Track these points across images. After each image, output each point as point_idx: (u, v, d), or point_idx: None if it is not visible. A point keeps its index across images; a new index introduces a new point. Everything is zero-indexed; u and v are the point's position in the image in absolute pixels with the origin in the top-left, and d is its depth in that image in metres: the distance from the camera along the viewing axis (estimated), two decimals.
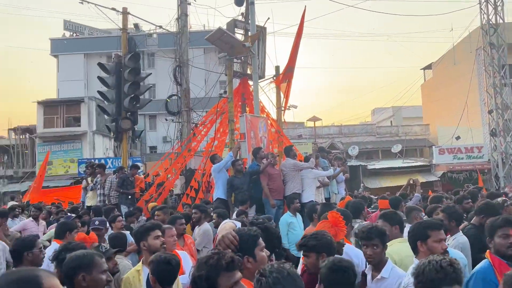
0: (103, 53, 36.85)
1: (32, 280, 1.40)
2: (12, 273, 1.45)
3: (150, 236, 3.62)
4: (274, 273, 1.92)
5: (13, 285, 1.38)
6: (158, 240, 3.62)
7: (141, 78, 11.72)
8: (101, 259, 2.65)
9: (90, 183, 10.62)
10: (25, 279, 1.40)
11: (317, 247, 3.07)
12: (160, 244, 3.61)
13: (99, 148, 30.23)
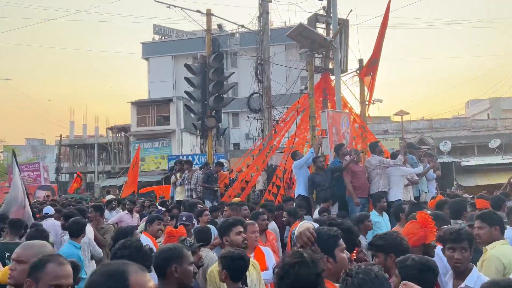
0: (189, 54, 38.54)
1: (119, 274, 1.44)
2: (105, 265, 1.51)
3: (232, 231, 3.68)
4: (361, 274, 1.89)
5: (101, 277, 1.44)
6: (240, 236, 3.67)
7: (224, 77, 12.04)
8: (189, 252, 2.77)
9: (178, 178, 11.17)
10: (113, 272, 1.44)
11: (384, 247, 2.98)
12: (241, 240, 3.66)
13: (186, 145, 31.71)
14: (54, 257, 2.15)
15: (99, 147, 37.11)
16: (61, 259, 2.14)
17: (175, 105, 31.06)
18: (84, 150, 39.38)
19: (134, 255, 2.81)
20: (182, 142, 31.33)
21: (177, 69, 39.08)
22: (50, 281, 2.03)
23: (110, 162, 35.42)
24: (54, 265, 2.08)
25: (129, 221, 8.48)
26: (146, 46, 42.76)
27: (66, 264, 2.13)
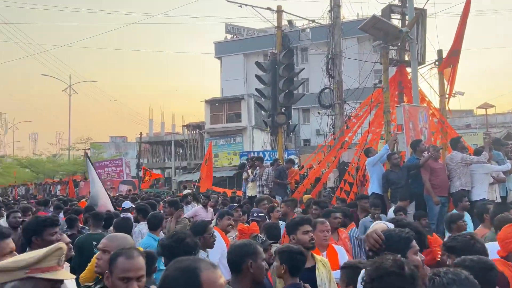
0: (260, 51, 38.91)
1: (191, 271, 1.47)
2: (177, 261, 1.54)
3: (299, 230, 3.63)
4: (450, 274, 1.81)
5: (175, 273, 1.48)
6: (307, 235, 3.61)
7: (294, 73, 12.00)
8: (261, 248, 2.82)
9: (250, 175, 11.35)
10: (185, 268, 1.48)
11: (456, 249, 2.82)
12: (308, 239, 3.60)
13: (257, 141, 32.12)
14: (126, 251, 2.24)
15: (176, 144, 38.78)
16: (131, 253, 2.23)
17: (247, 103, 31.56)
18: (162, 147, 41.39)
19: (175, 245, 3.03)
20: (253, 139, 31.78)
21: (248, 67, 39.64)
22: (119, 273, 2.14)
23: (186, 158, 36.87)
24: (124, 259, 2.18)
25: (204, 216, 8.75)
26: (218, 46, 43.86)
27: (135, 258, 2.21)
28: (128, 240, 2.86)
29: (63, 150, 47.18)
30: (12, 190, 35.82)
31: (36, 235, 3.06)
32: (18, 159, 46.34)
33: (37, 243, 3.00)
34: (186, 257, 1.61)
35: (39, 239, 3.03)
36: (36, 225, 3.12)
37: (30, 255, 1.84)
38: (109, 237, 2.92)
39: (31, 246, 3.05)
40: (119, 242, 2.73)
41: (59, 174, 39.25)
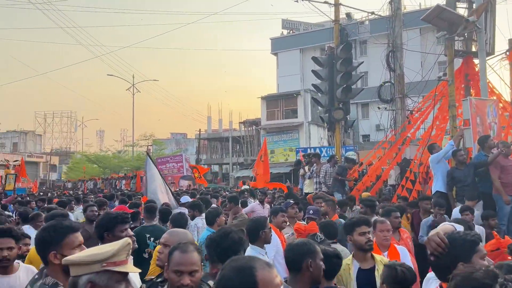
0: (317, 46, 38.43)
1: (247, 270, 1.47)
2: (233, 260, 1.55)
3: (356, 231, 3.54)
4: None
5: (231, 272, 1.48)
6: (363, 237, 3.51)
7: (353, 67, 11.71)
8: (319, 248, 2.82)
9: (307, 171, 11.25)
10: (241, 268, 1.48)
11: None
12: (365, 241, 3.49)
13: (314, 137, 31.80)
14: (182, 245, 2.33)
15: (233, 140, 39.37)
16: (186, 247, 2.30)
17: (303, 98, 31.33)
18: (220, 143, 42.19)
19: (220, 239, 3.10)
20: (309, 135, 31.50)
21: (305, 62, 39.31)
22: (173, 267, 2.24)
23: (243, 154, 37.34)
24: (178, 253, 2.27)
25: (260, 212, 8.81)
26: (274, 41, 43.87)
27: (190, 252, 2.27)
28: (188, 236, 2.94)
29: (127, 147, 49.52)
30: (82, 184, 38.16)
31: (107, 231, 3.21)
32: (87, 155, 49.26)
33: (108, 239, 3.14)
34: (241, 256, 1.61)
35: (110, 235, 3.18)
36: (108, 221, 3.26)
37: (104, 249, 1.93)
38: (170, 232, 3.03)
39: (103, 241, 3.20)
40: (179, 237, 2.82)
41: (123, 169, 41.21)
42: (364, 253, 3.51)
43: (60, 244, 2.29)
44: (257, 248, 3.95)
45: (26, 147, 70.55)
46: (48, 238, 2.31)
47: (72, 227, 2.36)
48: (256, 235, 3.96)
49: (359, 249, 3.53)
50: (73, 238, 2.33)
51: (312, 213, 5.88)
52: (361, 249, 3.51)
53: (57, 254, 2.27)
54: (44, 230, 2.37)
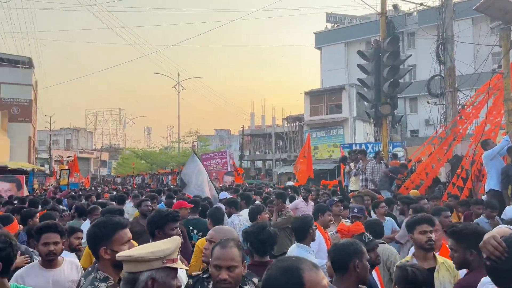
0: (362, 39, 37.61)
1: (294, 271, 1.46)
2: (280, 261, 1.54)
3: (416, 230, 3.43)
4: None
5: (277, 272, 1.47)
6: (424, 235, 3.39)
7: (400, 61, 11.35)
8: (365, 248, 2.78)
9: (353, 168, 11.04)
10: (288, 269, 1.47)
11: None
12: (425, 240, 3.37)
13: (359, 133, 31.17)
14: (222, 241, 2.37)
15: (276, 136, 39.34)
16: (226, 243, 2.34)
17: (348, 93, 30.77)
18: (263, 139, 42.31)
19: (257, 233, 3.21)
20: (354, 130, 30.91)
21: (350, 56, 38.58)
22: (213, 261, 2.30)
23: (286, 150, 37.24)
24: (218, 248, 2.32)
25: (304, 209, 8.72)
26: (318, 36, 43.33)
27: (229, 248, 2.31)
28: (233, 233, 2.96)
29: (173, 143, 50.70)
30: (131, 179, 39.50)
31: (158, 229, 3.31)
32: (135, 151, 50.88)
33: (159, 236, 3.24)
34: (288, 256, 1.60)
35: (161, 233, 3.28)
36: (159, 219, 3.36)
37: (164, 247, 1.99)
38: (215, 229, 3.09)
39: (154, 238, 3.30)
40: (225, 234, 2.86)
41: (170, 165, 42.24)
42: (425, 252, 3.40)
43: (110, 240, 2.36)
44: (305, 247, 3.92)
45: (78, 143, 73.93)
46: (98, 234, 2.39)
47: (121, 223, 2.43)
48: (304, 234, 3.95)
49: (420, 248, 3.42)
50: (122, 234, 2.40)
51: (356, 212, 5.75)
52: (422, 248, 3.40)
53: (107, 249, 2.35)
54: (95, 226, 2.46)
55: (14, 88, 35.54)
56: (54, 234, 3.25)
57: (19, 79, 34.85)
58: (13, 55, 35.31)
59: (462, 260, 2.81)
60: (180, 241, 2.10)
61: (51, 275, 3.15)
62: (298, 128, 36.02)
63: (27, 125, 37.51)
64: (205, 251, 3.01)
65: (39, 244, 3.24)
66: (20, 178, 16.26)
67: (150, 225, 3.41)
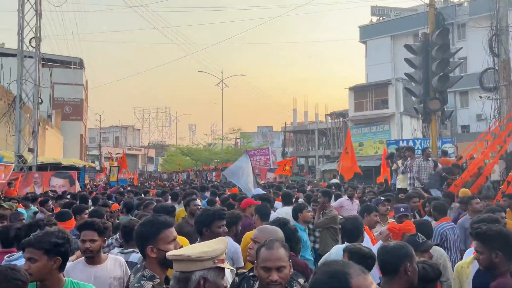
0: (409, 32, 36.46)
1: (342, 276, 1.42)
2: (326, 265, 1.52)
3: None
4: None
5: (324, 277, 1.44)
6: None
7: (450, 54, 10.88)
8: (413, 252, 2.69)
9: (400, 166, 10.71)
10: (335, 274, 1.44)
11: None
12: None
13: (406, 129, 30.24)
14: (268, 242, 2.36)
15: (319, 132, 38.93)
16: (272, 244, 2.32)
17: (394, 88, 29.90)
18: (306, 136, 41.98)
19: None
20: (401, 126, 30.01)
21: (396, 49, 37.49)
22: (261, 263, 2.28)
23: (329, 147, 36.77)
24: (265, 249, 2.30)
25: (349, 207, 8.52)
26: (363, 29, 42.40)
27: (275, 248, 2.29)
28: (278, 233, 2.93)
29: (217, 140, 51.31)
30: (176, 175, 40.46)
31: (206, 227, 3.40)
32: (180, 148, 52.00)
33: (206, 234, 3.34)
34: (335, 261, 1.56)
35: (209, 231, 3.37)
36: (206, 217, 3.46)
37: (215, 247, 2.02)
38: (260, 229, 3.08)
39: (202, 236, 3.39)
40: (269, 234, 2.85)
41: (214, 161, 42.84)
42: None
43: (156, 239, 2.40)
44: None
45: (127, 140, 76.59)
46: (145, 233, 2.44)
47: (167, 223, 2.47)
48: (357, 235, 3.97)
49: None
50: (168, 233, 2.43)
51: (403, 211, 5.57)
52: None
53: (154, 248, 2.38)
54: (142, 225, 2.51)
55: (66, 88, 37.27)
56: (91, 232, 3.31)
57: (71, 79, 36.52)
58: (65, 56, 36.95)
59: (488, 262, 2.80)
60: (226, 240, 2.11)
61: (93, 271, 3.24)
62: (342, 124, 35.45)
63: (78, 123, 39.27)
64: (250, 250, 3.01)
65: (79, 241, 3.35)
66: (72, 174, 17.01)
67: (198, 224, 3.49)
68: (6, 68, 26.80)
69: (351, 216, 4.53)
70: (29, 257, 2.53)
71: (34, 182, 15.95)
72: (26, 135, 18.98)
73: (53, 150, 28.81)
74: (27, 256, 2.58)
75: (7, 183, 13.26)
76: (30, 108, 19.94)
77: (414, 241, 3.37)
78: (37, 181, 16.09)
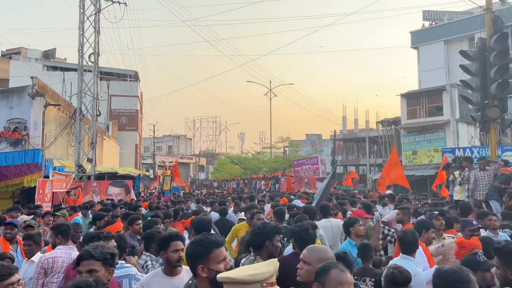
0: (464, 36, 35.02)
1: None
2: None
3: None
4: None
5: None
6: None
7: (510, 59, 10.31)
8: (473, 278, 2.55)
9: (457, 177, 10.25)
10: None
11: None
12: None
13: (463, 136, 28.88)
14: (340, 266, 2.33)
15: (370, 140, 38.05)
16: (343, 268, 2.31)
17: (449, 94, 28.69)
18: (356, 144, 41.17)
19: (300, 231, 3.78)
20: (457, 134, 28.69)
21: (450, 54, 36.05)
22: (337, 286, 2.24)
23: (381, 155, 35.84)
24: (339, 272, 2.27)
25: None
26: (415, 35, 41.15)
27: (347, 273, 2.29)
28: (328, 253, 2.87)
29: (265, 148, 51.53)
30: (226, 184, 40.98)
31: (268, 240, 3.52)
32: (230, 157, 52.65)
33: (268, 247, 3.50)
34: None
35: (270, 244, 3.51)
36: (269, 230, 3.57)
37: (264, 269, 2.03)
38: (310, 249, 2.97)
39: (261, 249, 3.52)
40: (319, 254, 2.80)
41: (262, 170, 42.97)
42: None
43: (207, 258, 2.42)
44: (411, 259, 4.02)
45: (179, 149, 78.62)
46: (196, 252, 2.46)
47: (217, 242, 2.49)
48: (413, 247, 4.06)
49: None
50: (218, 253, 2.45)
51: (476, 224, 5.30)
52: None
53: (205, 267, 2.41)
54: (193, 244, 2.53)
55: (122, 100, 38.95)
56: (179, 242, 3.47)
57: (127, 91, 38.14)
58: (121, 69, 38.67)
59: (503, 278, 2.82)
60: (277, 264, 2.11)
61: (171, 283, 3.31)
62: (394, 132, 34.45)
63: (134, 133, 40.87)
64: (299, 271, 2.94)
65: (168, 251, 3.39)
66: (128, 183, 17.71)
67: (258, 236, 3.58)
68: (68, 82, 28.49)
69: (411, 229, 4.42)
70: (89, 269, 2.64)
71: (92, 190, 16.76)
72: (85, 145, 20.04)
73: (110, 159, 30.16)
74: (86, 269, 2.69)
75: (66, 192, 14.00)
76: (89, 120, 21.04)
77: (474, 259, 3.23)
78: (95, 190, 16.89)
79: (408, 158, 30.55)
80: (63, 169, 15.65)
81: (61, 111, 20.27)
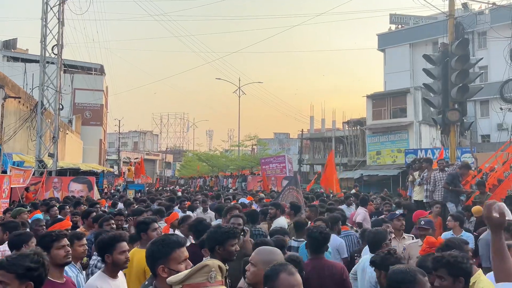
0: (428, 40, 36.07)
1: None
2: None
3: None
4: None
5: None
6: None
7: (470, 65, 10.68)
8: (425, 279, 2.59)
9: (416, 177, 10.54)
10: None
11: None
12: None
13: (425, 138, 29.82)
14: (289, 268, 2.24)
15: (336, 140, 38.65)
16: (292, 270, 2.23)
17: (413, 96, 29.54)
18: (323, 143, 41.74)
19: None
20: (420, 135, 29.60)
21: (415, 57, 37.10)
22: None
23: (347, 155, 36.49)
24: (287, 276, 2.19)
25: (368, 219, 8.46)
26: (382, 37, 42.11)
27: (295, 274, 2.21)
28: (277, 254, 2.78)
29: (233, 146, 51.39)
30: (193, 181, 40.63)
31: (219, 245, 3.28)
32: (197, 154, 52.21)
33: (219, 252, 3.24)
34: None
35: (221, 249, 3.26)
36: (220, 235, 3.30)
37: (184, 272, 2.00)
38: (258, 251, 2.84)
39: (213, 254, 3.27)
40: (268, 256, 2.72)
41: (230, 168, 42.88)
42: None
43: (167, 258, 2.39)
44: None
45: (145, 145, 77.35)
46: (156, 252, 2.42)
47: (178, 242, 2.46)
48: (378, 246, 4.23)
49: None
50: (180, 253, 2.42)
51: (423, 224, 5.48)
52: None
53: (165, 267, 2.38)
54: (153, 244, 2.48)
55: (87, 94, 37.88)
56: (125, 243, 3.42)
57: (92, 85, 37.13)
58: (86, 62, 37.60)
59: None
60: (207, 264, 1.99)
61: (116, 285, 3.29)
62: (359, 132, 35.14)
63: (98, 128, 39.85)
64: (247, 273, 2.80)
65: (114, 253, 3.31)
66: (91, 180, 17.23)
67: (209, 241, 3.38)
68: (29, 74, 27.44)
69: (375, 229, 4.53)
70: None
71: (53, 187, 16.21)
72: (47, 140, 19.37)
73: (73, 154, 29.29)
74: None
75: (25, 188, 13.49)
76: (51, 114, 20.34)
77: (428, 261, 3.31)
78: (56, 186, 16.35)
79: (372, 158, 31.25)
80: (22, 164, 15.06)
81: (21, 104, 19.49)
